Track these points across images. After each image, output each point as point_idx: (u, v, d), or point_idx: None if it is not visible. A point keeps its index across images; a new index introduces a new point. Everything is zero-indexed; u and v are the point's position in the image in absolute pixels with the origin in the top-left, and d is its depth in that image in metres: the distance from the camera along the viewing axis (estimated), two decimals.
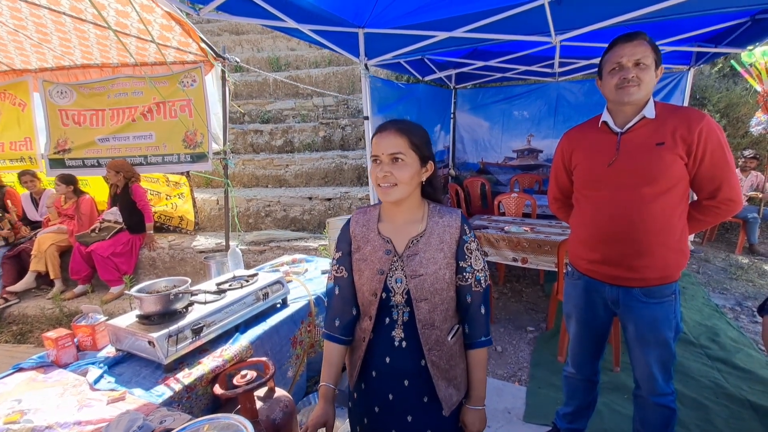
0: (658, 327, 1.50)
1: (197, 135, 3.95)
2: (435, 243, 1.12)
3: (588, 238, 1.60)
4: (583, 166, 1.60)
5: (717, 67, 6.16)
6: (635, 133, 1.46)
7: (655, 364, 1.55)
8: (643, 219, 1.44)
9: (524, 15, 2.37)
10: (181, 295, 1.59)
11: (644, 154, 1.42)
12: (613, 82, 1.43)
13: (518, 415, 2.23)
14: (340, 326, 1.19)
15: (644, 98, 1.43)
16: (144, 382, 1.32)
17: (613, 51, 1.43)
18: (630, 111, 1.46)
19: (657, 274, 1.47)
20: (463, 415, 1.20)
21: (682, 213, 1.47)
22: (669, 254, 1.46)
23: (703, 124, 1.36)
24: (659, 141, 1.40)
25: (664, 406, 1.59)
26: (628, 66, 1.38)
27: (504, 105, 5.42)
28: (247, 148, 6.55)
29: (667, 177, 1.40)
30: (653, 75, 1.40)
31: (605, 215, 1.52)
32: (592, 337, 1.74)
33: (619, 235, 1.49)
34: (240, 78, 7.48)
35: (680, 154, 1.38)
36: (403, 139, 1.07)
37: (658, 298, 1.49)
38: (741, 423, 2.11)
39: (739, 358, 2.68)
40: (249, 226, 5.12)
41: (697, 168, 1.40)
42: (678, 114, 1.42)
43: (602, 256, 1.55)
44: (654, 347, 1.53)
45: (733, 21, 2.85)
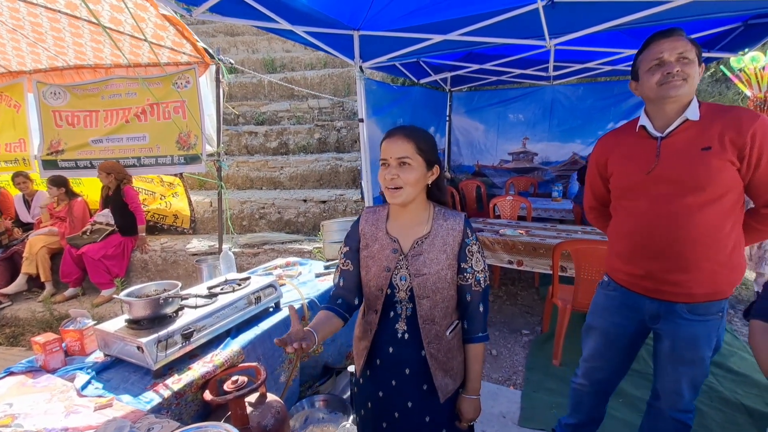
0: (698, 345, 1.39)
1: (191, 137, 3.93)
2: (439, 244, 1.19)
3: (626, 252, 1.49)
4: (619, 174, 1.49)
5: (710, 71, 6.23)
6: (677, 138, 1.34)
7: (685, 381, 1.45)
8: (687, 232, 1.32)
9: (519, 19, 2.38)
10: (171, 300, 1.56)
11: (688, 161, 1.30)
12: (654, 80, 1.31)
13: (513, 419, 2.21)
14: (341, 304, 1.27)
15: (689, 96, 1.32)
16: (132, 388, 1.29)
17: (651, 47, 1.33)
18: (672, 112, 1.34)
19: (704, 290, 1.35)
20: (459, 403, 1.28)
21: (735, 224, 1.34)
22: (718, 269, 1.33)
23: (756, 125, 1.23)
24: (705, 146, 1.29)
25: (682, 422, 1.51)
26: (670, 60, 1.27)
27: (499, 108, 5.44)
28: (241, 150, 6.52)
29: (715, 185, 1.28)
30: (698, 71, 1.29)
31: (644, 227, 1.41)
32: (617, 355, 1.62)
33: (660, 249, 1.37)
34: (235, 79, 7.46)
35: (731, 159, 1.26)
36: (410, 144, 1.14)
37: (703, 315, 1.37)
38: (736, 427, 2.11)
39: (733, 362, 2.69)
40: (243, 228, 5.09)
41: (752, 173, 1.27)
42: (727, 114, 1.29)
43: (642, 270, 1.44)
44: (689, 365, 1.43)
45: (726, 26, 2.88)
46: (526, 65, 4.12)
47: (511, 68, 4.19)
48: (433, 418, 1.27)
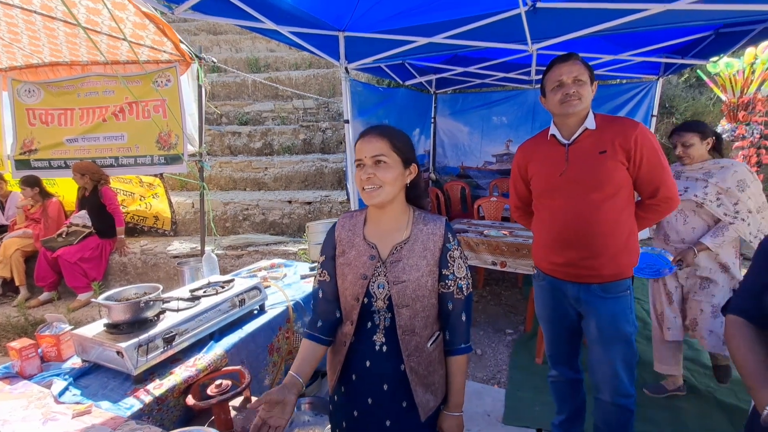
0: (617, 322, 1.59)
1: (171, 136, 3.84)
2: (418, 250, 1.13)
3: (550, 242, 1.70)
4: (538, 176, 1.70)
5: (684, 77, 6.45)
6: (580, 144, 1.58)
7: (619, 362, 1.61)
8: (593, 223, 1.54)
9: (502, 23, 2.42)
10: (152, 303, 1.53)
11: (590, 163, 1.54)
12: (556, 98, 1.55)
13: (498, 417, 2.24)
14: (322, 327, 1.19)
15: (585, 110, 1.56)
16: (111, 394, 1.26)
17: (552, 71, 1.56)
18: (573, 123, 1.58)
19: (611, 271, 1.57)
20: (441, 422, 1.20)
21: (628, 215, 1.59)
22: (619, 253, 1.56)
23: (637, 131, 1.49)
24: (602, 150, 1.52)
25: (625, 408, 1.64)
26: (568, 82, 1.52)
27: (483, 110, 5.51)
28: (224, 150, 6.42)
29: (611, 182, 1.52)
30: (590, 90, 1.54)
31: (561, 221, 1.62)
32: (565, 336, 1.80)
33: (574, 239, 1.59)
34: (217, 78, 7.35)
35: (621, 160, 1.50)
36: (384, 141, 1.09)
37: (614, 293, 1.58)
38: (710, 421, 2.19)
39: (706, 358, 2.79)
40: (226, 230, 5.01)
41: (637, 172, 1.52)
42: (615, 124, 1.55)
43: (563, 258, 1.64)
44: (616, 343, 1.60)
45: (699, 34, 2.99)
46: (510, 69, 4.19)
47: (495, 71, 4.25)
48: None
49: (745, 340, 0.90)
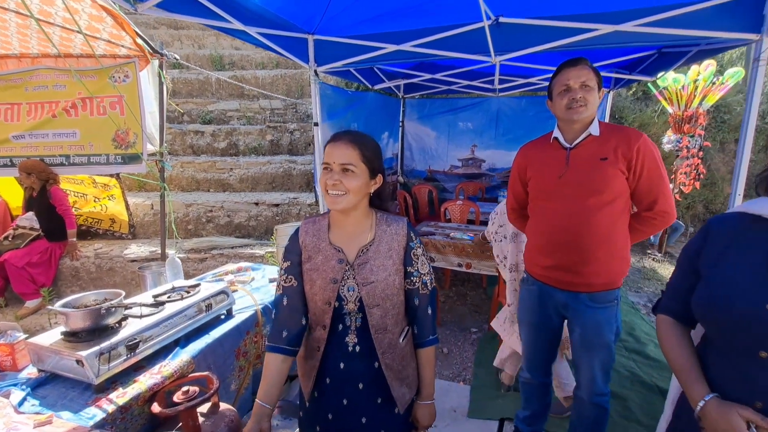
0: (601, 330, 1.62)
1: (129, 134, 3.67)
2: (384, 250, 1.16)
3: (542, 246, 1.70)
4: (536, 178, 1.70)
5: (631, 91, 6.95)
6: (582, 149, 1.57)
7: (597, 366, 1.66)
8: (588, 228, 1.54)
9: (467, 35, 2.53)
10: (113, 309, 1.47)
11: (590, 168, 1.54)
12: (563, 103, 1.54)
13: (463, 412, 2.33)
14: (288, 337, 1.17)
15: (590, 117, 1.55)
16: (71, 404, 1.21)
17: (561, 74, 1.56)
18: (578, 128, 1.58)
19: (601, 280, 1.58)
20: (415, 411, 1.26)
21: (624, 224, 1.59)
22: (612, 262, 1.57)
23: (640, 142, 1.50)
24: (603, 156, 1.52)
25: (599, 405, 1.72)
26: (575, 87, 1.51)
27: (450, 116, 5.67)
28: (186, 150, 6.19)
29: (610, 189, 1.52)
30: (597, 96, 1.53)
31: (556, 224, 1.62)
32: (544, 341, 1.83)
33: (568, 243, 1.58)
34: (179, 75, 7.08)
35: (621, 168, 1.50)
36: (355, 150, 1.10)
37: (601, 303, 1.60)
38: (652, 407, 2.39)
39: (650, 349, 3.03)
40: (188, 232, 4.84)
41: (636, 182, 1.52)
42: (619, 132, 1.55)
43: (554, 262, 1.64)
44: (598, 350, 1.64)
45: (644, 53, 3.26)
46: (474, 77, 4.35)
47: (460, 79, 4.40)
48: (389, 431, 1.22)
49: (676, 338, 0.99)
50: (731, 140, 6.68)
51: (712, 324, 0.92)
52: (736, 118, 6.54)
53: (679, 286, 1.02)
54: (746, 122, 2.06)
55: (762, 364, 0.81)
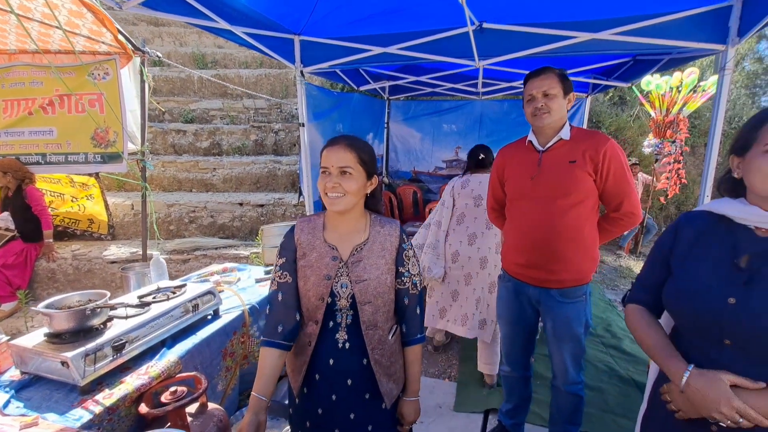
0: (571, 324, 1.70)
1: (109, 133, 3.59)
2: (377, 250, 1.21)
3: (516, 244, 1.78)
4: (512, 179, 1.78)
5: (608, 96, 7.19)
6: (554, 152, 1.66)
7: (568, 357, 1.76)
8: (558, 227, 1.62)
9: (452, 39, 2.59)
10: (98, 310, 1.46)
11: (560, 170, 1.62)
12: (529, 111, 1.66)
13: (449, 408, 2.38)
14: (283, 332, 1.19)
15: (557, 122, 1.64)
16: (57, 406, 1.19)
17: (526, 85, 1.66)
18: (550, 133, 1.66)
19: (571, 276, 1.66)
20: (401, 407, 1.30)
21: (592, 224, 1.68)
22: (581, 260, 1.66)
23: (607, 146, 1.58)
24: (572, 159, 1.61)
25: (574, 394, 1.81)
26: (537, 97, 1.61)
27: (434, 118, 5.74)
28: (167, 149, 6.08)
29: (578, 191, 1.60)
30: (562, 102, 1.61)
31: (529, 224, 1.70)
32: (522, 335, 1.91)
33: (540, 241, 1.67)
34: (160, 73, 6.94)
35: (589, 171, 1.59)
36: (352, 154, 1.14)
37: (571, 298, 1.68)
38: (628, 399, 2.49)
39: (626, 344, 3.15)
40: (170, 233, 4.76)
41: (604, 184, 1.61)
42: (588, 137, 1.65)
43: (527, 260, 1.72)
44: (568, 342, 1.73)
45: (620, 60, 3.39)
46: (458, 80, 4.43)
47: (445, 82, 4.46)
48: (376, 426, 1.26)
49: (646, 322, 1.05)
50: (701, 144, 6.99)
51: (681, 316, 0.98)
52: (705, 123, 6.85)
53: (649, 278, 1.08)
54: (714, 127, 2.18)
55: (726, 352, 0.88)
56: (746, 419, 0.80)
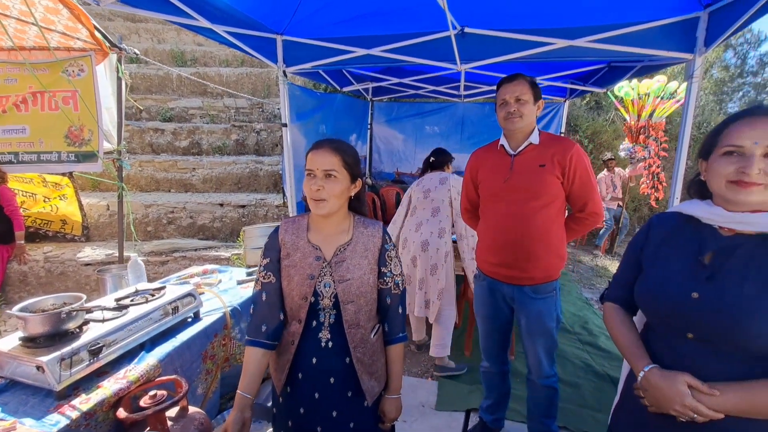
0: (543, 318, 1.79)
1: (84, 131, 3.47)
2: (360, 251, 1.23)
3: (490, 244, 1.85)
4: (485, 181, 1.85)
5: (585, 101, 7.40)
6: (524, 156, 1.74)
7: (542, 350, 1.83)
8: (530, 228, 1.70)
9: (435, 42, 2.63)
10: (74, 313, 1.42)
11: (530, 173, 1.70)
12: (501, 115, 1.72)
13: (431, 406, 2.41)
14: (267, 331, 1.21)
15: (528, 127, 1.72)
16: (33, 411, 1.16)
17: (500, 90, 1.73)
18: (520, 137, 1.74)
19: (541, 273, 1.75)
20: (382, 405, 1.32)
21: (560, 224, 1.77)
22: (550, 257, 1.74)
23: (573, 151, 1.68)
24: (542, 163, 1.69)
25: (549, 386, 1.89)
26: (510, 101, 1.67)
27: (417, 120, 5.79)
28: (145, 148, 5.94)
29: (547, 193, 1.69)
30: (533, 108, 1.69)
31: (501, 225, 1.77)
32: (498, 331, 1.98)
33: (512, 241, 1.74)
34: (137, 70, 6.78)
35: (557, 174, 1.67)
36: (337, 157, 1.17)
37: (542, 294, 1.77)
38: (603, 394, 2.57)
39: (602, 341, 3.26)
40: (147, 234, 4.65)
41: (570, 186, 1.70)
42: (556, 142, 1.74)
43: (500, 259, 1.80)
44: (541, 336, 1.81)
45: (595, 66, 3.51)
46: (441, 82, 4.49)
47: (428, 84, 4.52)
48: (358, 423, 1.27)
49: (620, 321, 1.11)
50: (672, 149, 7.27)
51: (649, 311, 1.04)
52: (676, 128, 7.13)
53: (624, 277, 1.14)
54: (683, 132, 2.29)
55: (689, 344, 0.93)
56: (699, 415, 0.86)
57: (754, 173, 0.85)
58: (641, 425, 1.03)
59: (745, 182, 0.86)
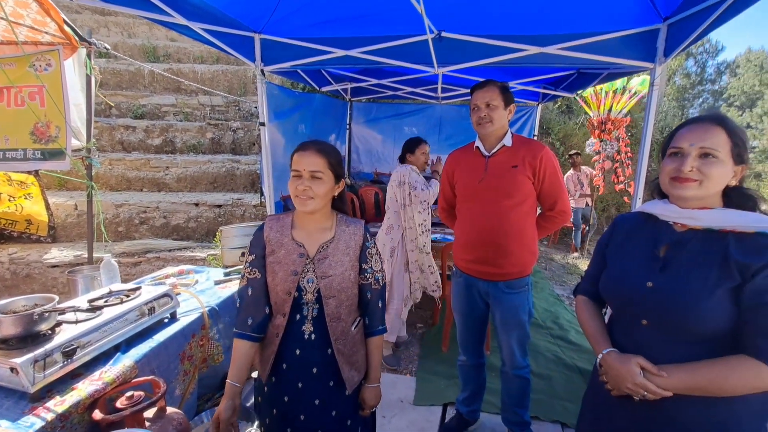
0: (517, 312, 1.88)
1: (50, 128, 3.33)
2: (342, 248, 1.30)
3: (466, 242, 1.93)
4: (462, 182, 1.93)
5: (557, 105, 7.67)
6: (498, 158, 1.83)
7: (515, 343, 1.93)
8: (504, 226, 1.79)
9: (413, 45, 2.69)
10: (47, 314, 1.39)
11: (504, 174, 1.79)
12: (474, 119, 1.82)
13: (410, 401, 2.47)
14: (253, 324, 1.27)
15: (499, 130, 1.81)
16: (8, 413, 1.13)
17: (472, 96, 1.83)
18: (493, 140, 1.83)
19: (515, 269, 1.84)
20: (362, 393, 1.40)
21: (532, 222, 1.87)
22: (523, 254, 1.84)
23: (543, 152, 1.78)
24: (514, 164, 1.79)
25: (521, 377, 1.98)
26: (481, 107, 1.77)
27: (395, 120, 5.85)
28: (115, 146, 5.74)
29: (519, 193, 1.78)
30: (503, 113, 1.78)
31: (477, 223, 1.86)
32: (474, 326, 2.06)
33: (487, 239, 1.83)
34: (106, 65, 6.54)
35: (528, 175, 1.77)
36: (323, 159, 1.23)
37: (516, 289, 1.86)
38: (573, 385, 2.70)
39: (572, 335, 3.41)
40: (118, 235, 4.51)
41: (540, 186, 1.80)
42: (527, 144, 1.84)
43: (476, 256, 1.88)
44: (514, 329, 1.91)
45: (566, 72, 3.66)
46: (419, 84, 4.56)
47: (406, 86, 4.58)
48: (339, 411, 1.34)
49: (589, 313, 1.21)
50: (636, 151, 7.63)
51: (611, 301, 1.14)
52: (641, 132, 7.49)
53: (593, 272, 1.24)
54: (645, 136, 2.43)
55: (644, 330, 1.03)
56: (649, 393, 0.96)
57: (686, 170, 0.96)
58: (605, 406, 1.12)
59: (681, 178, 0.97)
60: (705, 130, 0.96)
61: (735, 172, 0.97)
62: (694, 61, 21.70)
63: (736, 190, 0.98)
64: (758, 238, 0.91)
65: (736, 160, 0.95)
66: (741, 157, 0.96)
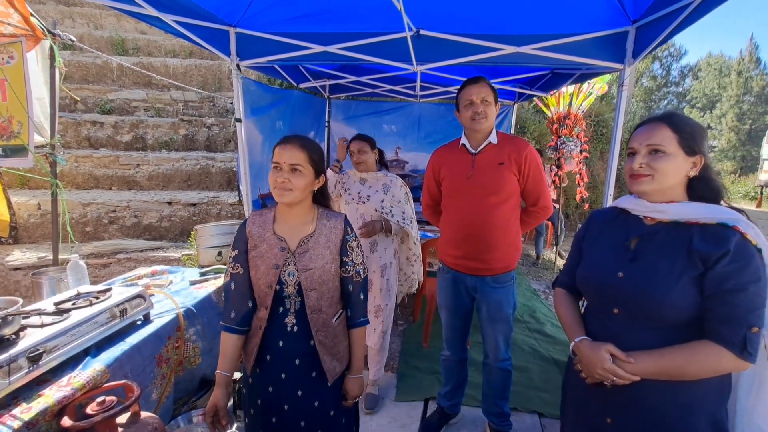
0: (502, 306, 1.93)
1: (12, 123, 3.16)
2: (323, 242, 1.31)
3: (452, 238, 1.95)
4: (448, 179, 1.94)
5: (532, 104, 7.84)
6: (485, 155, 1.85)
7: (500, 336, 1.97)
8: (490, 222, 1.83)
9: (391, 43, 2.69)
10: (10, 318, 1.32)
11: (491, 171, 1.82)
12: (467, 115, 1.81)
13: (391, 398, 2.48)
14: (237, 318, 1.32)
15: (490, 127, 1.85)
16: None
17: (465, 90, 1.82)
18: (480, 137, 1.86)
19: (501, 264, 1.89)
20: (345, 384, 1.42)
21: (516, 218, 1.92)
22: (508, 249, 1.89)
23: (527, 150, 1.83)
24: (500, 161, 1.82)
25: (504, 369, 2.03)
26: (477, 102, 1.78)
27: (374, 118, 5.84)
28: (81, 142, 5.49)
29: (505, 189, 1.82)
30: (494, 109, 1.83)
31: (464, 219, 1.88)
32: (460, 321, 2.08)
33: (473, 235, 1.86)
34: (71, 57, 6.23)
35: (514, 171, 1.81)
36: (303, 153, 1.24)
37: (501, 283, 1.91)
38: (549, 375, 2.78)
39: (548, 328, 3.51)
40: (86, 235, 4.31)
41: (525, 183, 1.84)
42: (512, 142, 1.87)
43: (463, 252, 1.91)
44: (500, 322, 1.95)
45: (540, 72, 3.75)
46: (398, 82, 4.56)
47: (385, 83, 4.58)
48: (322, 401, 1.36)
49: (566, 303, 1.26)
50: (607, 150, 7.91)
51: (586, 291, 1.19)
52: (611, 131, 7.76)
53: (570, 265, 1.29)
54: (615, 135, 2.52)
55: (616, 319, 1.08)
56: (618, 378, 1.01)
57: (636, 166, 1.04)
58: (581, 392, 1.17)
59: (635, 174, 1.05)
60: (651, 128, 1.04)
61: (693, 163, 1.02)
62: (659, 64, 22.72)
63: (700, 182, 1.03)
64: (719, 228, 0.96)
65: (687, 151, 1.01)
66: (692, 149, 1.01)
